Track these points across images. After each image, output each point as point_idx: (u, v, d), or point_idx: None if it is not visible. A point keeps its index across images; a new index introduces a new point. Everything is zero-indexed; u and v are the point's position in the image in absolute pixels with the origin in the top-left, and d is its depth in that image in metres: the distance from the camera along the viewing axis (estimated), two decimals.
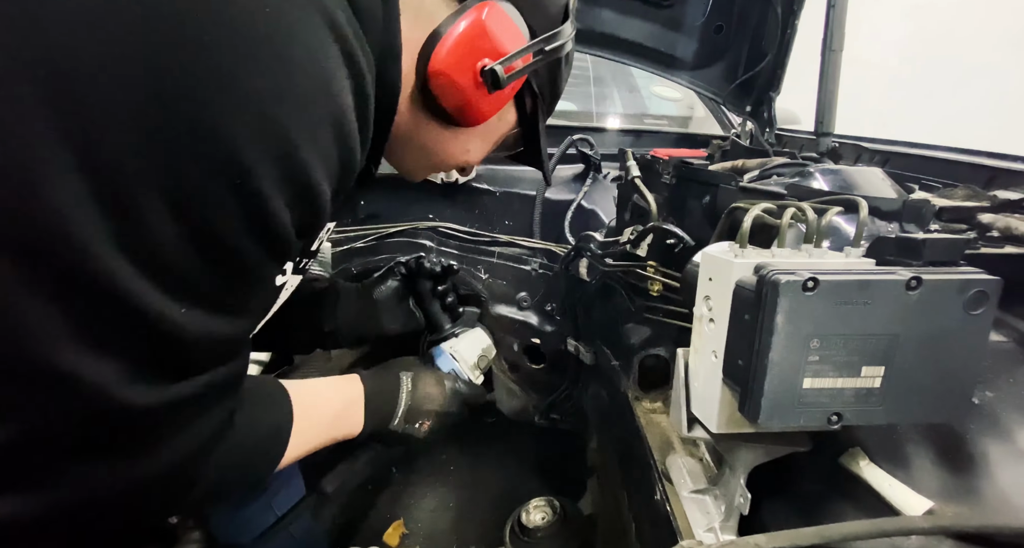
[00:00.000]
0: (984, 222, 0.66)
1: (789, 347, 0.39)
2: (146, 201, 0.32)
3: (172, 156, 0.32)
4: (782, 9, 1.21)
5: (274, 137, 0.35)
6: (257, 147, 0.34)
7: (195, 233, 0.34)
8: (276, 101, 0.34)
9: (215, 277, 0.37)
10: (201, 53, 0.32)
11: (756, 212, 0.48)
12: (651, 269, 0.84)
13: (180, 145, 0.32)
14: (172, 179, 0.32)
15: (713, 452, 0.63)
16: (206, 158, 0.33)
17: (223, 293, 0.38)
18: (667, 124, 2.22)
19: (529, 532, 0.89)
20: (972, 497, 0.42)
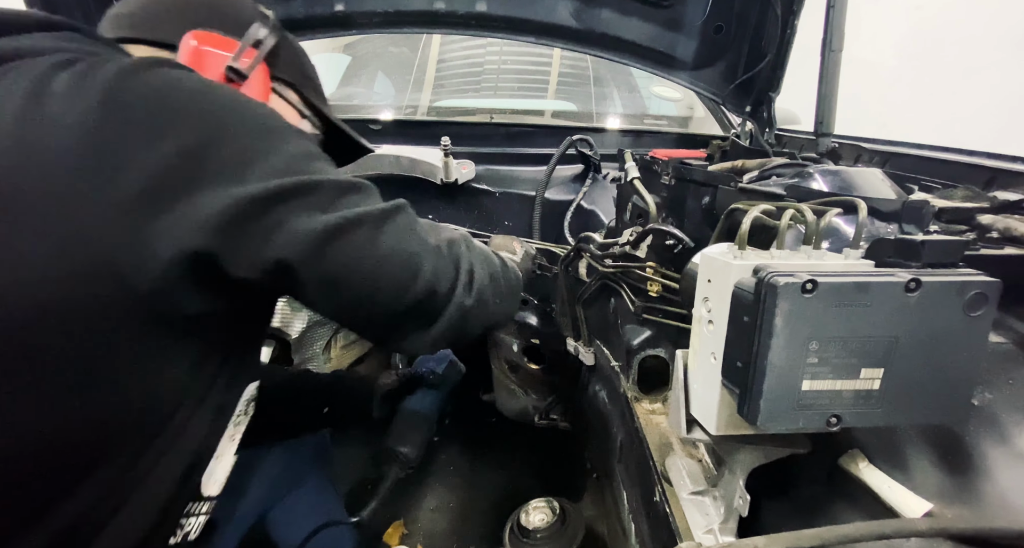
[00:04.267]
0: (984, 223, 0.66)
1: (788, 349, 0.39)
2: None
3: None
4: (782, 9, 1.21)
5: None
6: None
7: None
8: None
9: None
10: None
11: (755, 213, 0.48)
12: (650, 270, 0.84)
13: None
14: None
15: (712, 453, 0.63)
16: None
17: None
18: (667, 124, 2.22)
19: (529, 533, 0.89)
20: (971, 499, 0.42)
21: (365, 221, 0.52)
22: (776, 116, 1.33)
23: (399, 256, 0.54)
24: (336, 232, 0.50)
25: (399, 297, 0.55)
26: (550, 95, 2.58)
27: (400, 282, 0.55)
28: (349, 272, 0.52)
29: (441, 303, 0.59)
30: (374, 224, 0.53)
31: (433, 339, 0.60)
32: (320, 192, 0.51)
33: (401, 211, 0.57)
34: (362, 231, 0.52)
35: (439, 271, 0.57)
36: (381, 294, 0.54)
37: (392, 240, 0.54)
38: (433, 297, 0.57)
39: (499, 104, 2.17)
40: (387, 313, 0.56)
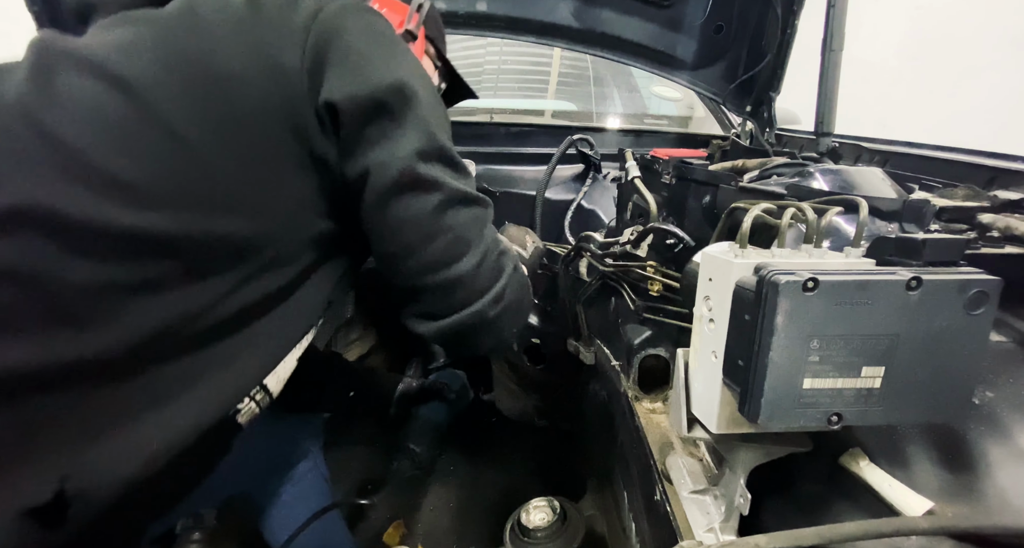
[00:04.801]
0: (984, 222, 0.66)
1: (789, 347, 0.39)
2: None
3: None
4: (782, 9, 1.21)
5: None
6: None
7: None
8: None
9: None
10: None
11: (756, 212, 0.48)
12: (651, 269, 0.84)
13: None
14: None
15: (713, 452, 0.63)
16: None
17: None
18: (667, 124, 2.22)
19: (529, 532, 0.89)
20: (972, 497, 0.42)
21: (448, 192, 0.58)
22: (776, 116, 1.33)
23: (455, 236, 0.59)
24: (420, 182, 0.56)
25: (434, 271, 0.59)
26: (550, 95, 2.58)
27: (442, 258, 0.59)
28: (407, 223, 0.57)
29: (465, 299, 0.61)
30: (453, 199, 0.59)
31: (440, 329, 0.62)
32: (436, 150, 0.57)
33: (480, 204, 0.63)
34: (438, 197, 0.57)
35: (480, 272, 0.61)
36: (420, 259, 0.58)
37: (457, 220, 0.59)
38: (461, 289, 0.60)
39: (499, 103, 2.17)
40: (416, 281, 0.60)
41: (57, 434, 0.45)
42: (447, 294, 0.60)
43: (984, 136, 1.01)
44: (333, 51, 0.55)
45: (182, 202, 0.50)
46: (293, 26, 0.55)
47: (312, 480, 1.02)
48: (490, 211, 0.65)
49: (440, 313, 0.62)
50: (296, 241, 0.58)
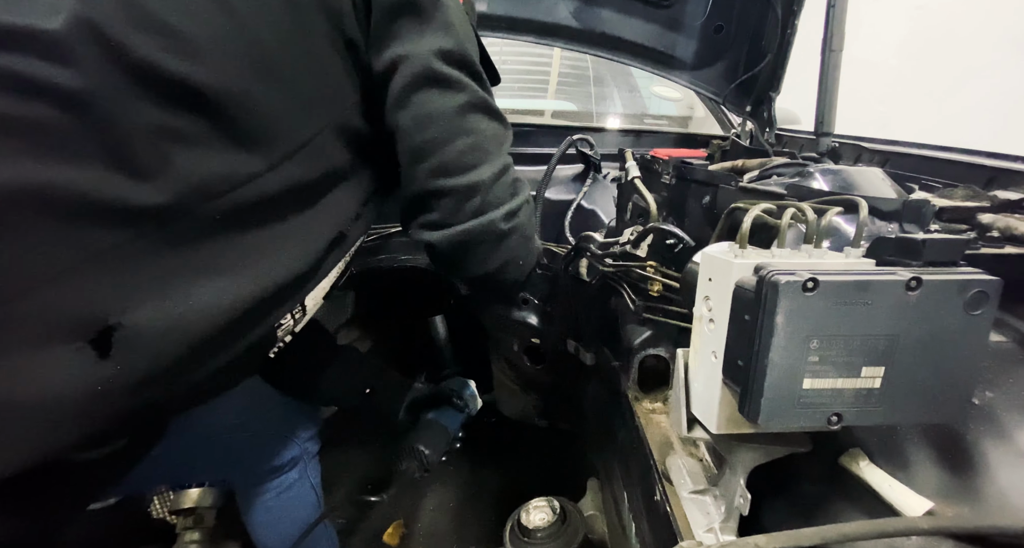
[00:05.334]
0: (984, 222, 0.66)
1: (789, 348, 0.39)
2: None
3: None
4: (782, 9, 1.21)
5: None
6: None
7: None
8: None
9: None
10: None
11: (756, 212, 0.48)
12: (651, 269, 0.84)
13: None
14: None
15: (713, 452, 0.63)
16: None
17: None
18: (667, 124, 2.22)
19: (529, 532, 0.89)
20: (972, 498, 0.42)
21: (471, 95, 0.59)
22: (776, 116, 1.33)
23: (475, 142, 0.60)
24: (444, 79, 0.57)
25: (451, 174, 0.59)
26: (550, 95, 2.58)
27: (460, 161, 0.59)
28: (430, 117, 0.58)
29: (479, 208, 0.61)
30: (477, 104, 0.60)
31: (448, 237, 0.62)
32: (460, 55, 0.59)
33: (502, 121, 0.64)
34: (463, 97, 0.58)
35: (497, 185, 0.62)
36: (440, 158, 0.59)
37: (479, 127, 0.60)
38: (476, 196, 0.61)
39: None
40: (432, 183, 0.60)
41: (101, 269, 0.45)
42: (461, 200, 0.60)
43: (984, 136, 1.01)
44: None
45: (225, 59, 0.51)
46: None
47: (300, 489, 1.02)
48: (509, 132, 0.66)
49: (451, 220, 0.62)
50: (329, 128, 0.58)
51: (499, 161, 0.62)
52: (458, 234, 0.62)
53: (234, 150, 0.51)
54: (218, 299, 0.51)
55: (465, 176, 0.60)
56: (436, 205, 0.62)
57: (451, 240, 0.62)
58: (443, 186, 0.60)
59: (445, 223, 0.62)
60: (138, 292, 0.47)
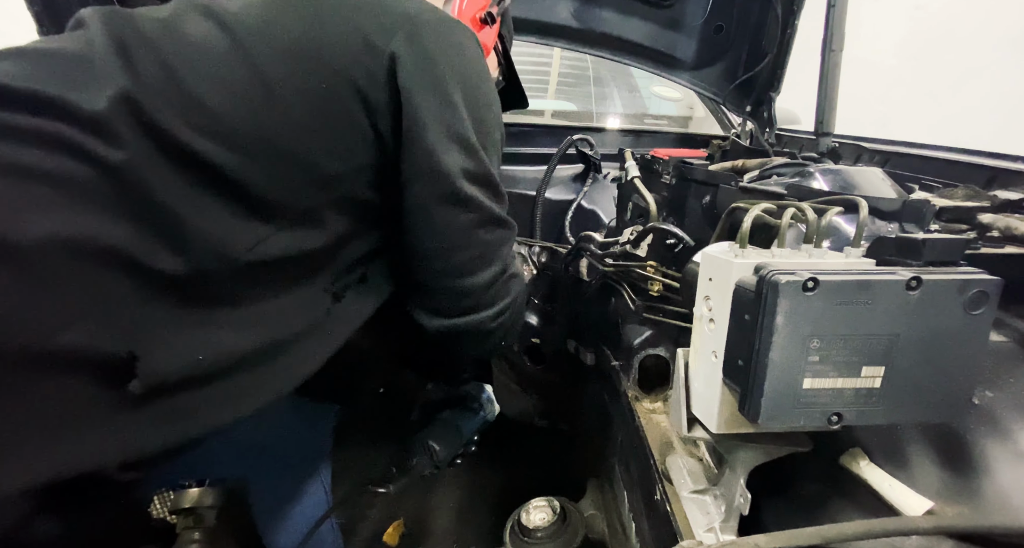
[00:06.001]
0: (984, 222, 0.66)
1: (789, 347, 0.39)
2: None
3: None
4: (782, 9, 1.21)
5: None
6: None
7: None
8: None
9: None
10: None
11: (756, 212, 0.48)
12: (651, 269, 0.84)
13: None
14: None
15: (713, 452, 0.63)
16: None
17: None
18: (667, 124, 2.22)
19: (529, 532, 0.89)
20: (972, 497, 0.42)
21: (484, 213, 0.64)
22: (776, 116, 1.33)
23: (480, 252, 0.66)
24: (463, 200, 0.62)
25: (454, 277, 0.65)
26: (550, 95, 2.58)
27: (464, 268, 0.65)
28: (444, 231, 0.63)
29: (473, 307, 0.67)
30: (487, 220, 0.65)
31: (443, 326, 0.68)
32: (482, 174, 0.63)
33: (507, 226, 0.69)
34: (476, 216, 0.64)
35: (493, 288, 0.68)
36: (445, 264, 0.65)
37: (485, 239, 0.66)
38: (473, 298, 0.67)
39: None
40: (435, 281, 0.66)
41: (121, 315, 0.49)
42: (460, 299, 0.67)
43: (984, 136, 1.01)
44: (419, 55, 0.59)
45: (257, 144, 0.55)
46: (394, 13, 0.60)
47: (314, 492, 1.03)
48: (513, 232, 0.72)
49: (448, 312, 0.68)
50: (339, 199, 0.61)
51: (498, 265, 0.68)
52: (449, 326, 0.68)
53: (247, 218, 0.55)
54: (231, 347, 0.55)
55: (464, 280, 0.65)
56: (433, 297, 0.68)
57: (441, 329, 0.69)
58: (445, 285, 0.66)
59: (439, 313, 0.68)
60: (156, 337, 0.51)
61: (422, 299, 0.69)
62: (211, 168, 0.53)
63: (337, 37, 0.58)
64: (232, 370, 0.56)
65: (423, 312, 0.69)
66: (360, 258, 0.67)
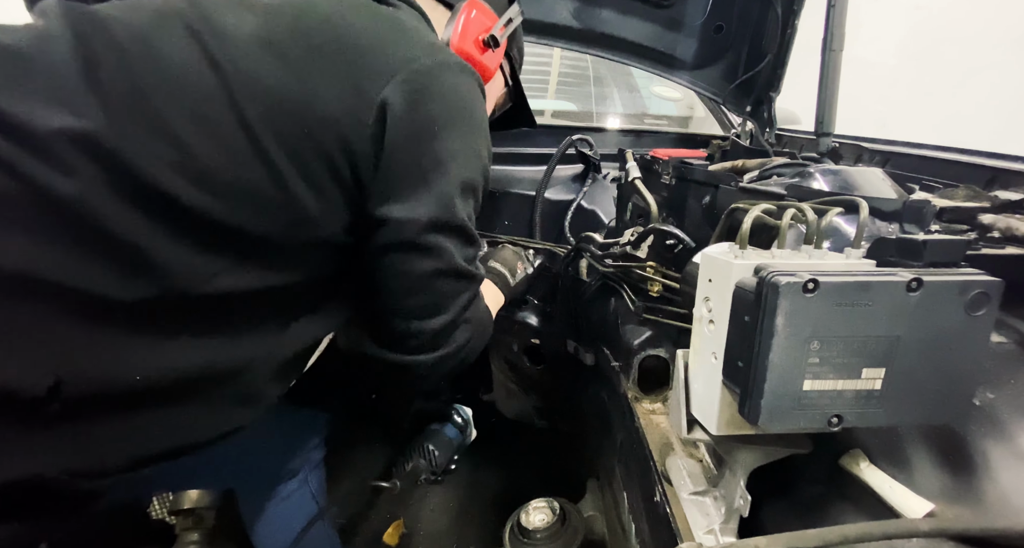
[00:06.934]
0: (985, 223, 0.66)
1: (789, 349, 0.39)
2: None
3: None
4: (782, 9, 1.21)
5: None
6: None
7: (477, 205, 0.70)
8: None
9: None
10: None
11: (756, 213, 0.48)
12: (651, 270, 0.84)
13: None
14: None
15: (713, 454, 0.63)
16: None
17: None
18: (667, 124, 2.22)
19: (529, 533, 0.89)
20: (973, 499, 0.42)
21: (446, 262, 0.64)
22: (776, 116, 1.33)
23: (434, 300, 0.66)
24: (425, 248, 0.62)
25: (403, 318, 0.66)
26: (550, 95, 2.58)
27: (414, 312, 0.66)
28: (400, 275, 0.63)
29: (417, 348, 0.68)
30: (448, 271, 0.65)
31: (384, 358, 0.70)
32: (452, 224, 0.63)
33: (469, 279, 0.69)
34: (435, 264, 0.63)
35: (439, 334, 0.68)
36: (396, 305, 0.65)
37: (442, 288, 0.66)
38: (418, 340, 0.68)
39: None
40: (385, 318, 0.67)
41: (51, 337, 0.48)
42: (404, 339, 0.68)
43: (984, 136, 1.01)
44: (410, 103, 0.58)
45: (232, 188, 0.54)
46: (391, 57, 0.59)
47: (300, 499, 1.01)
48: (475, 286, 0.72)
49: (391, 347, 0.69)
50: (310, 243, 0.61)
51: (450, 314, 0.68)
52: (391, 360, 0.69)
53: (207, 252, 0.54)
54: (171, 369, 0.54)
55: (412, 323, 0.66)
56: (379, 330, 0.69)
57: (384, 360, 0.70)
58: (393, 324, 0.66)
59: (381, 345, 0.69)
60: (86, 360, 0.49)
61: (370, 328, 0.70)
62: (175, 204, 0.50)
63: (325, 81, 0.56)
64: (176, 392, 0.54)
65: (371, 343, 0.70)
66: (318, 290, 0.66)
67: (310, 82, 0.56)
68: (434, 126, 0.60)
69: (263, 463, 0.96)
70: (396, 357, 0.69)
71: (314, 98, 0.56)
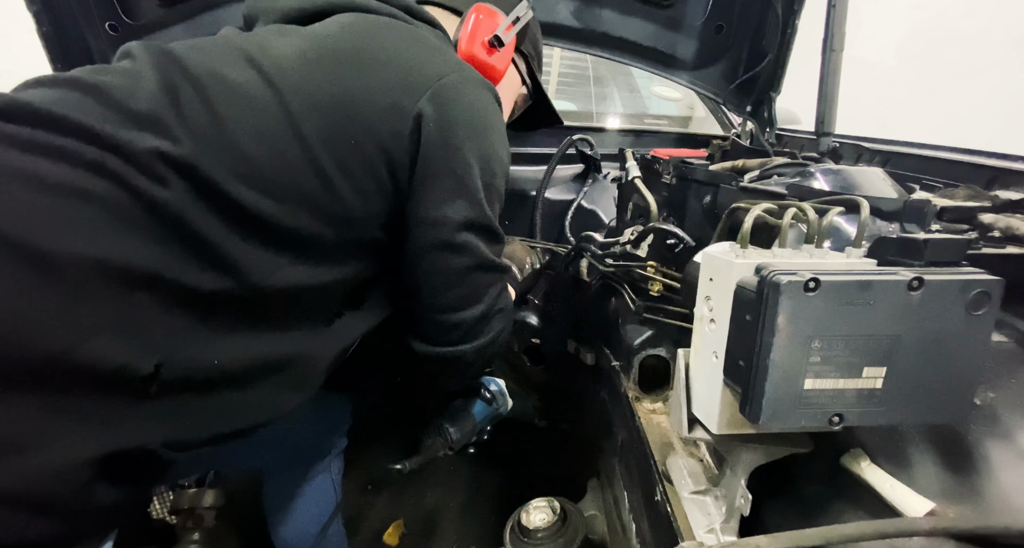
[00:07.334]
0: (985, 222, 0.66)
1: (790, 348, 0.39)
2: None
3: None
4: (782, 9, 1.21)
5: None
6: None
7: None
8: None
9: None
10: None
11: (757, 212, 0.48)
12: (651, 269, 0.84)
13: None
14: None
15: (714, 453, 0.63)
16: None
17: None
18: (667, 124, 2.22)
19: (529, 533, 0.89)
20: (974, 498, 0.42)
21: (478, 258, 0.70)
22: (776, 116, 1.33)
23: (470, 291, 0.72)
24: (460, 247, 0.68)
25: (443, 312, 0.72)
26: (550, 95, 2.57)
27: (453, 304, 0.72)
28: (438, 273, 0.69)
29: (459, 339, 0.74)
30: (481, 265, 0.71)
31: (429, 353, 0.75)
32: (482, 224, 0.70)
33: (500, 270, 0.75)
34: (470, 260, 0.70)
35: (478, 324, 0.74)
36: (436, 300, 0.71)
37: (477, 281, 0.72)
38: (459, 331, 0.73)
39: None
40: (426, 313, 0.72)
41: (144, 327, 0.53)
42: (447, 331, 0.74)
43: (985, 136, 1.01)
44: (440, 115, 0.64)
45: (289, 194, 0.60)
46: (422, 74, 0.65)
47: (322, 483, 1.04)
48: (504, 277, 0.78)
49: (435, 342, 0.75)
50: (352, 240, 0.67)
51: (485, 304, 0.74)
52: (436, 353, 0.75)
53: (269, 250, 0.60)
54: (242, 356, 0.59)
55: (452, 315, 0.72)
56: (423, 326, 0.74)
57: (427, 355, 0.76)
58: (434, 318, 0.73)
59: (427, 341, 0.75)
60: (176, 345, 0.55)
61: (413, 326, 0.76)
62: (245, 211, 0.57)
63: (367, 96, 0.63)
64: (245, 377, 0.60)
65: (413, 338, 0.76)
66: (360, 287, 0.72)
67: (355, 97, 0.63)
68: (462, 135, 0.66)
69: (292, 442, 0.99)
70: (443, 350, 0.74)
71: (359, 111, 0.63)
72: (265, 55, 0.63)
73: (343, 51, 0.65)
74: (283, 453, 0.99)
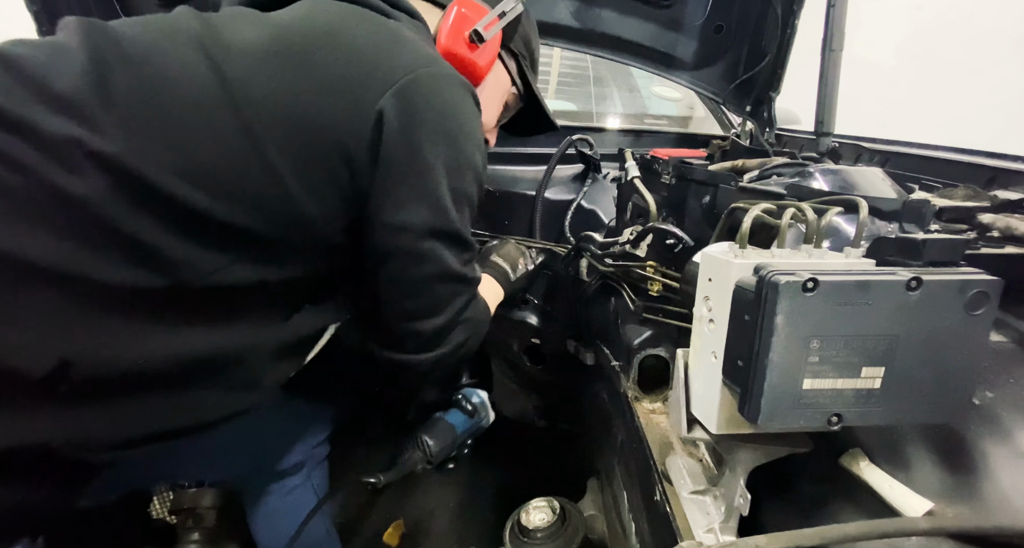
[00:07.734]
0: (984, 222, 0.66)
1: (789, 348, 0.39)
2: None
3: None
4: (782, 9, 1.21)
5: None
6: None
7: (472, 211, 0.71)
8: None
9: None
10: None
11: (756, 212, 0.48)
12: (651, 269, 0.84)
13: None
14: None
15: (713, 453, 0.63)
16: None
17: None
18: (667, 124, 2.22)
19: (529, 533, 0.89)
20: (972, 498, 0.42)
21: (441, 267, 0.67)
22: (776, 116, 1.33)
23: (431, 301, 0.69)
24: (421, 254, 0.65)
25: (402, 320, 0.69)
26: (550, 95, 2.58)
27: (412, 313, 0.69)
28: (399, 280, 0.66)
29: (416, 348, 0.72)
30: (444, 275, 0.68)
31: (386, 358, 0.73)
32: (447, 231, 0.66)
33: (465, 282, 0.72)
34: (432, 269, 0.66)
35: (437, 335, 0.71)
36: (395, 307, 0.68)
37: (439, 291, 0.69)
38: (416, 341, 0.71)
39: None
40: (385, 318, 0.70)
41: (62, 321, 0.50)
42: (404, 339, 0.71)
43: (985, 136, 1.01)
44: (404, 113, 0.60)
45: (235, 192, 0.56)
46: (389, 67, 0.60)
47: (302, 494, 1.01)
48: (472, 288, 0.75)
49: (392, 347, 0.72)
50: (308, 244, 0.63)
51: (447, 315, 0.71)
52: (393, 360, 0.73)
53: (208, 249, 0.56)
54: (174, 354, 0.56)
55: (410, 324, 0.69)
56: (384, 332, 0.72)
57: (386, 360, 0.73)
58: (392, 325, 0.70)
59: (383, 345, 0.73)
60: (89, 342, 0.52)
61: (374, 331, 0.73)
62: (182, 208, 0.53)
63: (326, 91, 0.59)
64: (180, 374, 0.57)
65: (371, 339, 0.74)
66: (319, 285, 0.69)
67: (313, 93, 0.58)
68: (427, 135, 0.62)
69: (268, 455, 0.96)
70: (397, 356, 0.72)
71: (316, 108, 0.58)
72: (217, 41, 0.58)
73: (303, 41, 0.60)
74: (253, 463, 0.96)
